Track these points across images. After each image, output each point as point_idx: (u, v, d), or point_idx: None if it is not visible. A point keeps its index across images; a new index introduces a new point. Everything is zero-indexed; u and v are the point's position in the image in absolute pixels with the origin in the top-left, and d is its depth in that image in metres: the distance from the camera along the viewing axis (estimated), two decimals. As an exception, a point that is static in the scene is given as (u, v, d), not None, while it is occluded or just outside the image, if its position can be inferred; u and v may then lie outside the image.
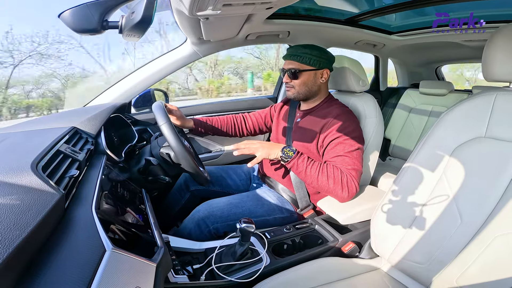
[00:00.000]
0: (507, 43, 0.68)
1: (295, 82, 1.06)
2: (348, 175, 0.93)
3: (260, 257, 0.81)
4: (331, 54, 1.10)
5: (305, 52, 1.03)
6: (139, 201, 0.77)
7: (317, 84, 1.08)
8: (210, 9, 0.77)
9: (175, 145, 0.85)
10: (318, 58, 1.03)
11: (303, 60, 1.03)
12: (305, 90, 1.07)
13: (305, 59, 1.02)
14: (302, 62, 1.03)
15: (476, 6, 1.32)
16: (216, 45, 1.33)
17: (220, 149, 1.63)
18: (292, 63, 1.05)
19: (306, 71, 1.04)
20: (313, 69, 1.04)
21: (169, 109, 1.14)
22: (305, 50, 1.03)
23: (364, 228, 0.96)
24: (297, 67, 1.04)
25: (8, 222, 0.34)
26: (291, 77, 1.06)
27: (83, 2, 0.57)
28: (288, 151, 0.95)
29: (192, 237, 0.96)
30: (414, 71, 2.38)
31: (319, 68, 1.05)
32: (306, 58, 1.02)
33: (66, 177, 0.53)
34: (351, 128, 1.00)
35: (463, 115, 0.75)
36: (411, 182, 0.80)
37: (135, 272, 0.43)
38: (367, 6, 1.44)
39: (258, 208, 1.07)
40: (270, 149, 0.97)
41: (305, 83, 1.06)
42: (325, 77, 1.07)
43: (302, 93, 1.08)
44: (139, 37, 0.64)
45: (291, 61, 1.05)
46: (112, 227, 0.51)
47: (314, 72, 1.05)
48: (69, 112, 1.06)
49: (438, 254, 0.71)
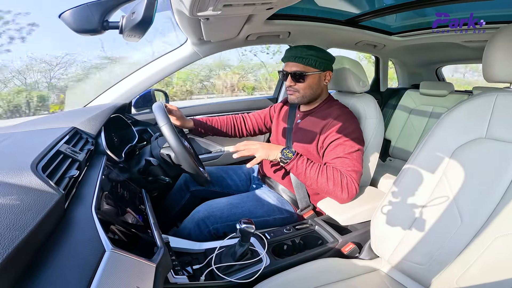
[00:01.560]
0: (508, 44, 0.68)
1: (300, 85, 1.02)
2: (348, 176, 0.93)
3: (260, 257, 0.81)
4: (332, 55, 1.10)
5: (310, 54, 0.99)
6: (139, 202, 0.77)
7: (321, 87, 1.07)
8: (211, 10, 0.77)
9: (176, 146, 0.85)
10: (323, 60, 1.01)
11: (309, 62, 0.99)
12: (310, 93, 1.04)
13: (311, 61, 0.99)
14: (307, 64, 0.99)
15: (476, 7, 1.32)
16: (217, 45, 1.33)
17: (220, 149, 1.63)
18: (297, 66, 1.01)
19: (312, 74, 1.01)
20: (318, 71, 1.02)
21: (169, 109, 1.14)
22: (310, 52, 1.00)
23: (364, 229, 0.96)
24: (302, 69, 1.00)
25: (8, 222, 0.33)
26: (295, 80, 1.02)
27: (84, 2, 0.57)
28: (287, 153, 0.95)
29: (192, 238, 0.96)
30: (415, 71, 2.38)
31: (323, 70, 1.03)
32: (312, 60, 0.99)
33: (66, 177, 0.53)
34: (351, 129, 0.99)
35: (464, 116, 0.75)
36: (411, 183, 0.80)
37: (134, 272, 0.43)
38: (367, 7, 1.44)
39: (258, 208, 1.07)
40: (269, 150, 0.96)
41: (311, 86, 1.03)
42: (328, 79, 1.06)
43: (307, 96, 1.05)
44: (140, 37, 0.64)
45: (295, 64, 1.01)
46: (112, 228, 0.51)
47: (318, 75, 1.03)
48: (69, 112, 1.07)
49: (438, 255, 0.71)
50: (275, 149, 0.97)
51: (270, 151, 0.96)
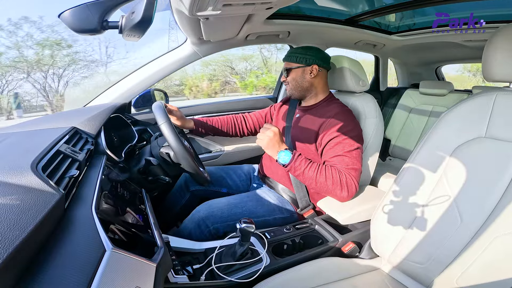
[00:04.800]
0: (507, 43, 0.68)
1: (288, 79, 1.16)
2: (347, 174, 0.93)
3: (260, 257, 0.81)
4: (324, 53, 1.15)
5: (294, 52, 1.14)
6: (139, 201, 0.77)
7: (306, 80, 1.12)
8: (210, 9, 0.77)
9: (175, 145, 0.85)
10: (303, 56, 1.11)
11: (291, 59, 1.14)
12: (295, 85, 1.14)
13: (292, 58, 1.13)
14: (290, 61, 1.14)
15: (476, 6, 1.32)
16: (216, 45, 1.33)
17: (220, 149, 1.63)
18: (285, 64, 1.17)
19: (294, 68, 1.13)
20: (300, 66, 1.11)
21: (169, 109, 1.14)
22: (296, 50, 1.14)
23: (364, 228, 0.96)
24: (287, 66, 1.16)
25: (8, 222, 0.34)
26: (286, 75, 1.17)
27: (83, 2, 0.57)
28: (283, 156, 0.94)
29: (192, 237, 0.96)
30: (414, 71, 2.38)
31: (306, 65, 1.11)
32: (293, 57, 1.13)
33: (66, 177, 0.53)
34: (350, 127, 1.00)
35: (463, 115, 0.75)
36: (411, 182, 0.80)
37: (135, 272, 0.43)
38: (367, 6, 1.44)
39: (258, 208, 1.07)
40: (271, 149, 0.96)
41: (295, 79, 1.14)
42: (314, 72, 1.11)
43: (294, 88, 1.15)
44: (139, 37, 0.64)
45: (285, 62, 1.18)
46: (112, 227, 0.51)
47: (302, 69, 1.12)
48: (69, 112, 1.06)
49: (438, 254, 0.71)
50: (274, 150, 0.95)
51: (272, 151, 0.96)
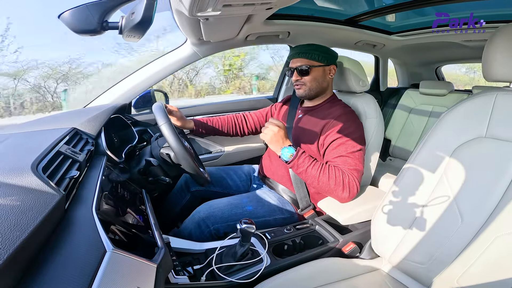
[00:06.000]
0: (507, 43, 0.68)
1: (306, 78, 1.07)
2: (350, 175, 0.93)
3: (260, 257, 0.81)
4: (334, 51, 1.13)
5: (313, 49, 1.06)
6: (139, 202, 0.77)
7: (326, 80, 1.10)
8: (210, 10, 0.77)
9: (175, 145, 0.85)
10: (325, 55, 1.06)
11: (312, 56, 1.05)
12: (316, 86, 1.09)
13: (314, 55, 1.05)
14: (311, 58, 1.05)
15: (476, 6, 1.32)
16: (216, 45, 1.33)
17: (220, 149, 1.63)
18: (301, 60, 1.06)
19: (316, 67, 1.06)
20: (322, 65, 1.06)
21: (169, 110, 1.14)
22: (312, 47, 1.06)
23: (364, 229, 0.96)
24: (306, 63, 1.06)
25: (9, 223, 0.34)
26: (301, 74, 1.07)
27: (83, 2, 0.57)
28: (286, 153, 0.94)
29: (193, 238, 0.96)
30: (414, 71, 2.38)
31: (327, 64, 1.07)
32: (315, 55, 1.05)
33: (66, 178, 0.53)
34: (352, 128, 1.00)
35: (464, 115, 0.75)
36: (412, 182, 0.80)
37: (135, 272, 0.43)
38: (367, 7, 1.44)
39: (259, 208, 1.06)
40: (273, 144, 0.94)
41: (316, 79, 1.07)
42: (333, 73, 1.10)
43: (314, 89, 1.09)
44: (139, 37, 0.64)
45: (300, 59, 1.07)
46: (113, 228, 0.51)
47: (323, 68, 1.07)
48: (69, 113, 1.07)
49: (439, 254, 0.71)
50: (278, 146, 0.94)
51: (275, 146, 0.94)
